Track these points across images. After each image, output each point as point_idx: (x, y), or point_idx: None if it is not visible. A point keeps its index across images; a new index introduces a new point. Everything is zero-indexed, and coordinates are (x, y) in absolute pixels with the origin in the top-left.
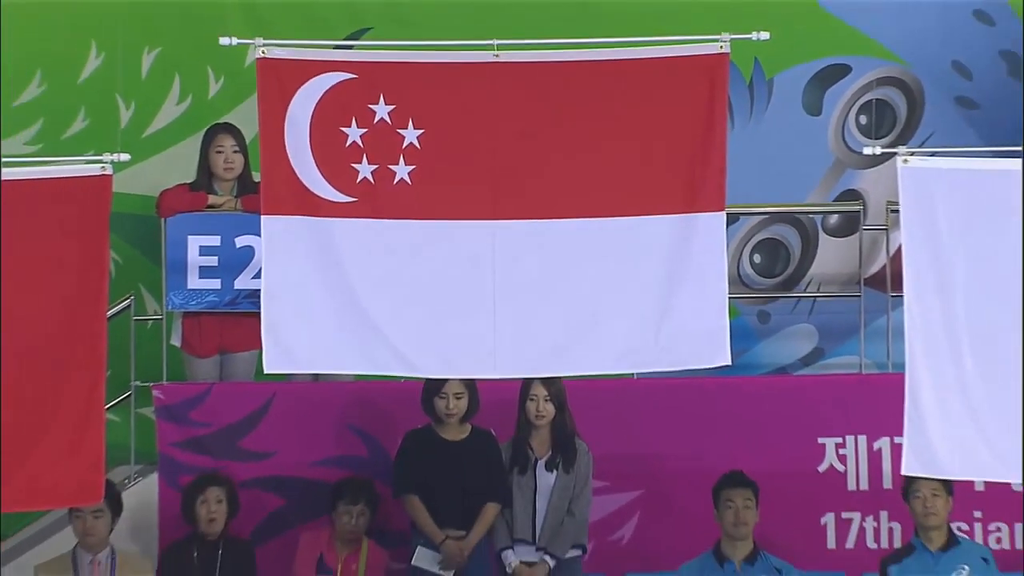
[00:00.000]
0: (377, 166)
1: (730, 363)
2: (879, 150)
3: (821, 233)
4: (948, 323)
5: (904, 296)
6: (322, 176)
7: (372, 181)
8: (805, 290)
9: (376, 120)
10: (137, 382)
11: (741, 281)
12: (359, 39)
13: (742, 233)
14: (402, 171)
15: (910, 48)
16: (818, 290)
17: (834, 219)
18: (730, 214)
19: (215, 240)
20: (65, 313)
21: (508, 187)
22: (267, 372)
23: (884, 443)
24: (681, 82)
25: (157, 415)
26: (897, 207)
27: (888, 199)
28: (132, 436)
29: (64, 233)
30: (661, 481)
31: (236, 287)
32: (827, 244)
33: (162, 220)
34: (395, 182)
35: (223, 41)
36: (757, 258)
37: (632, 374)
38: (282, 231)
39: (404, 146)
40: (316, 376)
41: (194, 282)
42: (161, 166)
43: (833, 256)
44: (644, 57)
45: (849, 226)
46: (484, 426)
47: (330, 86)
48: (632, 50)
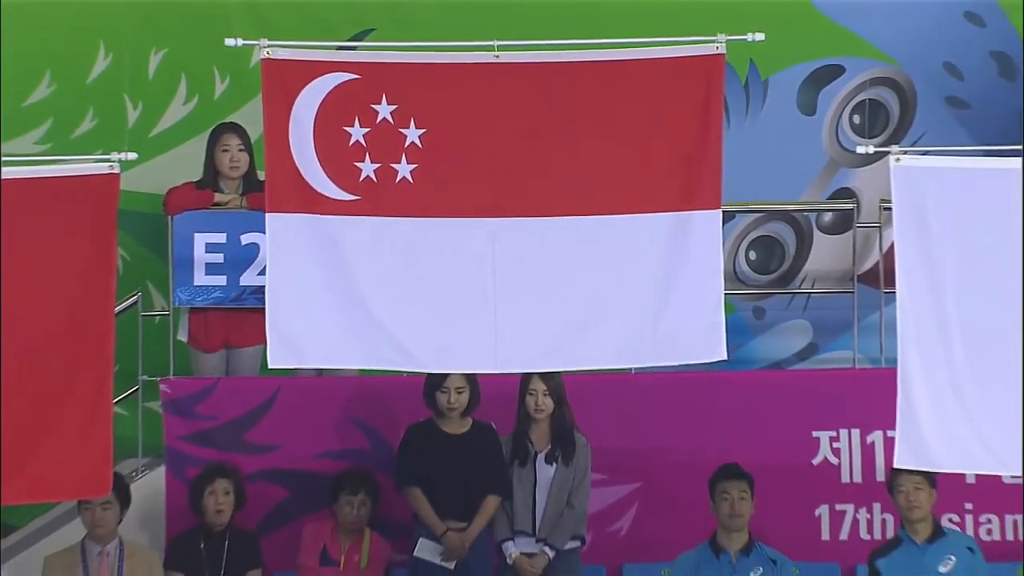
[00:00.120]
0: (379, 165)
1: (726, 358)
2: (872, 149)
3: (815, 230)
4: (940, 319)
5: (897, 292)
6: (326, 175)
7: (375, 179)
8: (800, 286)
9: (379, 120)
10: (144, 376)
11: (737, 278)
12: (362, 40)
13: (738, 230)
14: (404, 170)
15: (902, 49)
16: (812, 286)
17: (828, 217)
18: (726, 212)
19: (221, 237)
20: (73, 309)
21: (508, 185)
22: (272, 367)
23: (877, 436)
24: (678, 82)
25: (164, 409)
26: (890, 205)
27: (881, 197)
28: (140, 429)
29: (73, 231)
30: (658, 474)
31: (241, 283)
32: (821, 241)
33: (169, 218)
34: (397, 180)
35: (229, 42)
36: (753, 255)
37: (630, 369)
38: (286, 229)
39: (406, 145)
40: (320, 371)
41: (200, 278)
42: (168, 165)
43: (827, 253)
44: (642, 58)
45: (843, 224)
46: (485, 420)
47: (333, 86)
48: (630, 51)
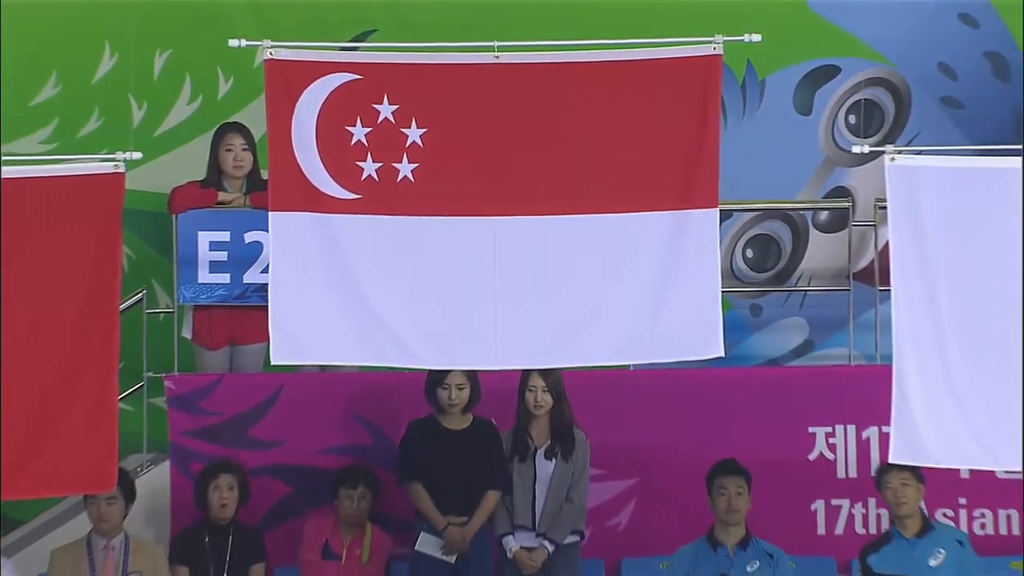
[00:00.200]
0: (381, 164)
1: (723, 355)
2: (867, 149)
3: (811, 229)
4: (934, 316)
5: (891, 290)
6: (328, 174)
7: (376, 178)
8: (796, 284)
9: (380, 119)
10: (149, 373)
11: (734, 275)
12: (364, 41)
13: (735, 229)
14: (405, 169)
15: (897, 50)
16: (808, 284)
17: (824, 215)
18: (723, 210)
19: (225, 236)
20: (79, 307)
21: (508, 184)
22: (275, 363)
23: (872, 432)
24: (676, 82)
25: (169, 405)
26: (885, 204)
27: (876, 196)
28: (145, 425)
29: (78, 229)
30: (657, 469)
31: (245, 281)
32: (817, 240)
33: (173, 216)
34: (398, 179)
35: (232, 43)
36: (749, 253)
37: (628, 365)
38: (289, 227)
39: (407, 144)
40: (323, 367)
41: (204, 276)
42: (172, 164)
43: (823, 251)
44: (640, 59)
45: (838, 222)
46: (485, 416)
47: (336, 86)
48: (628, 51)
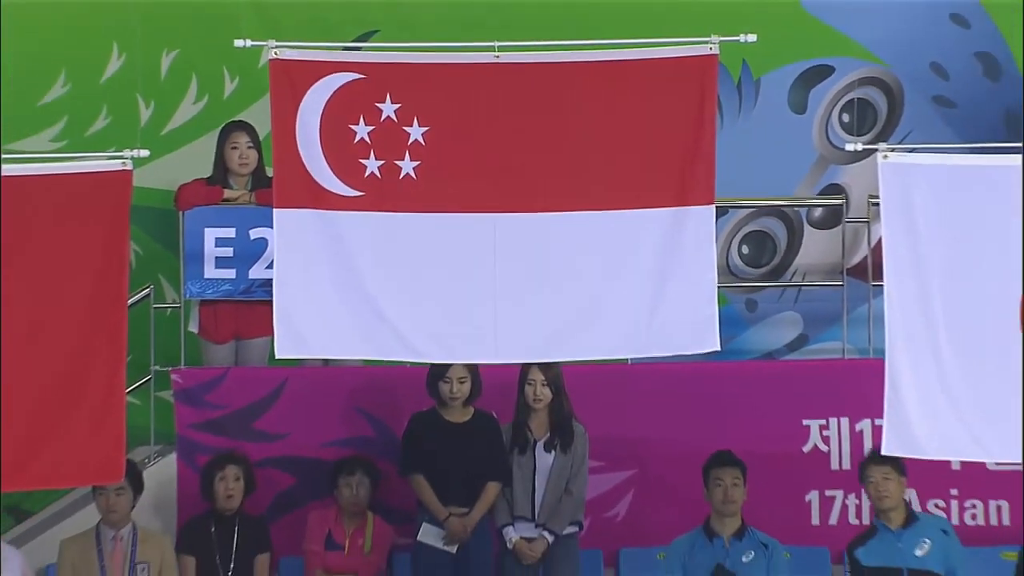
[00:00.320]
0: (384, 162)
1: (719, 349)
2: (861, 146)
3: (806, 225)
4: (926, 311)
5: (884, 285)
6: (331, 171)
7: (379, 176)
8: (791, 280)
9: (383, 118)
10: (156, 367)
11: (730, 271)
12: (367, 41)
13: (731, 225)
14: (407, 166)
15: (890, 50)
16: (803, 279)
17: (818, 212)
18: (719, 207)
19: (230, 232)
20: (88, 302)
21: (508, 181)
22: (279, 357)
23: (866, 424)
24: (673, 82)
25: (175, 398)
26: (878, 200)
27: (869, 193)
28: (152, 418)
29: (87, 225)
30: (654, 461)
31: (250, 277)
32: (811, 236)
33: (180, 213)
34: (401, 177)
35: (238, 43)
36: (745, 249)
37: (626, 359)
38: (294, 223)
39: (409, 142)
40: (326, 361)
41: (210, 272)
42: (179, 162)
43: (817, 247)
44: (637, 58)
45: (832, 219)
46: (486, 409)
47: (339, 85)
48: (626, 51)
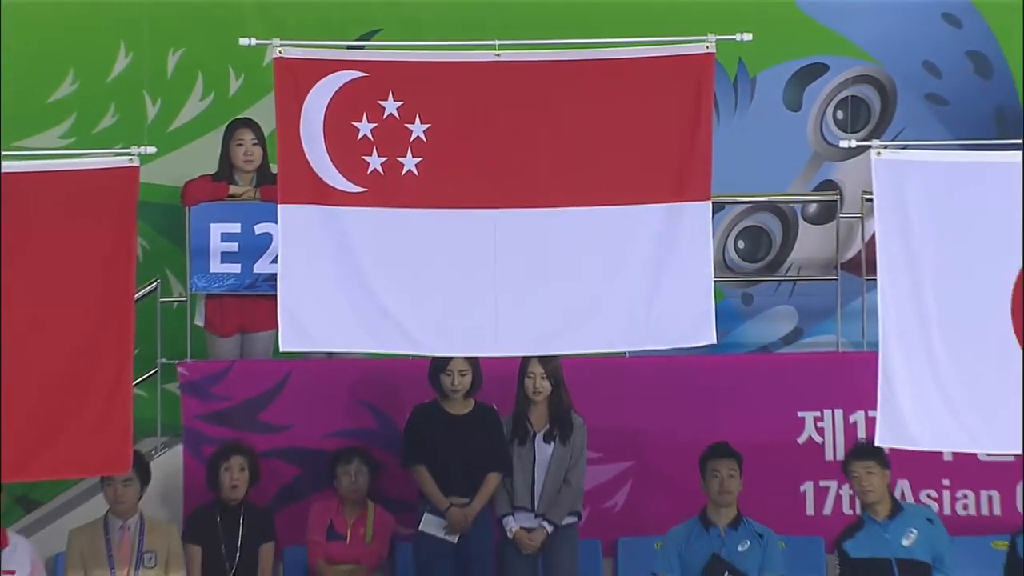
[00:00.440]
0: (386, 158)
1: (716, 342)
2: (854, 143)
3: (801, 221)
4: (919, 305)
5: (878, 279)
6: (335, 168)
7: (381, 172)
8: (786, 274)
9: (385, 115)
10: (163, 360)
11: (726, 266)
12: (369, 40)
13: (727, 221)
14: (409, 163)
15: (883, 48)
16: (798, 274)
17: (813, 208)
18: (716, 203)
19: (236, 227)
20: (96, 296)
21: (509, 178)
22: (283, 350)
23: (859, 416)
24: (671, 80)
25: (182, 390)
26: (871, 196)
27: (863, 189)
28: (158, 410)
29: (95, 221)
30: (651, 452)
31: (255, 271)
32: (806, 231)
33: (186, 209)
34: (403, 173)
35: (243, 42)
36: (741, 244)
37: (624, 352)
38: (298, 219)
39: (411, 139)
40: (330, 354)
41: (216, 266)
42: (185, 158)
43: (812, 242)
44: (635, 57)
45: (827, 214)
46: (487, 401)
47: (342, 83)
48: (624, 50)
